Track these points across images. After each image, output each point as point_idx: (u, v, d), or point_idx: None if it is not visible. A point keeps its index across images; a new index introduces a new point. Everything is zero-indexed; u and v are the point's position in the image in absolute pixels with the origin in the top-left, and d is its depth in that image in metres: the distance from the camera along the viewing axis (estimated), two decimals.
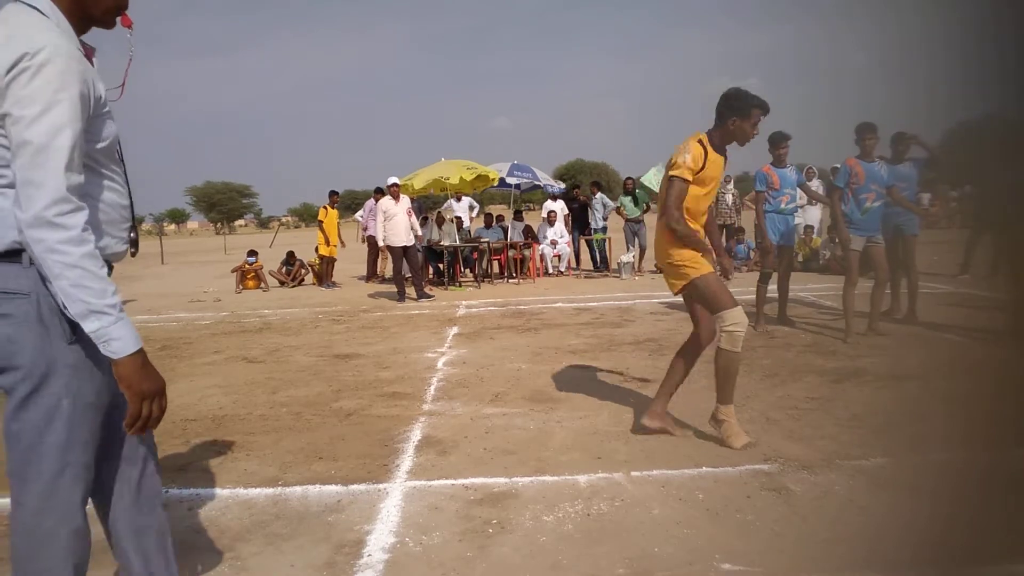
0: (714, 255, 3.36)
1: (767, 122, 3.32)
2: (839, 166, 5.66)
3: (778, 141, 6.11)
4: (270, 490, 2.94)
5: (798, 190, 6.32)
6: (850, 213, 5.40)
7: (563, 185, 15.14)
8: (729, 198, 12.71)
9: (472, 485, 2.90)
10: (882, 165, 5.45)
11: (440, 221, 11.21)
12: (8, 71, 1.32)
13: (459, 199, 12.25)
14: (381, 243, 9.60)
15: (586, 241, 12.63)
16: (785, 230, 6.16)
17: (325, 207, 11.68)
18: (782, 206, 6.11)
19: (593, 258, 12.51)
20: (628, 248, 11.76)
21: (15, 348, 1.43)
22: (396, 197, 9.23)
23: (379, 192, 11.15)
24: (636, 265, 11.57)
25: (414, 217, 9.37)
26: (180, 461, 3.33)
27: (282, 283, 11.66)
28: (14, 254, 1.42)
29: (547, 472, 3.01)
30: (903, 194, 5.67)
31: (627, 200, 11.79)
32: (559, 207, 12.59)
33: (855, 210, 5.39)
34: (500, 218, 13.03)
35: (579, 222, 12.67)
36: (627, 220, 11.80)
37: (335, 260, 11.69)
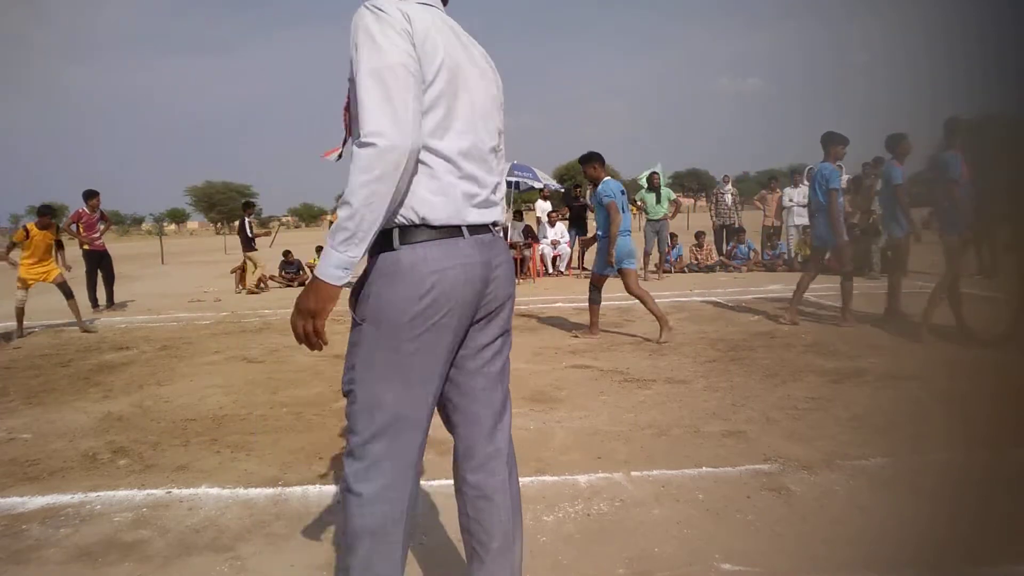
0: None
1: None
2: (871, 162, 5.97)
3: (839, 141, 6.20)
4: (270, 490, 2.94)
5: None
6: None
7: (555, 183, 15.06)
8: (729, 198, 12.68)
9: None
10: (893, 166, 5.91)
11: None
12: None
13: None
14: None
15: (582, 242, 12.59)
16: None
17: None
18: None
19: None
20: (648, 250, 10.79)
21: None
22: None
23: None
24: (659, 266, 11.00)
25: None
26: (180, 461, 3.33)
27: (288, 283, 11.64)
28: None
29: (547, 472, 3.01)
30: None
31: (651, 197, 10.83)
32: (548, 207, 12.62)
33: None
34: None
35: (578, 223, 12.45)
36: (649, 220, 10.83)
37: None
